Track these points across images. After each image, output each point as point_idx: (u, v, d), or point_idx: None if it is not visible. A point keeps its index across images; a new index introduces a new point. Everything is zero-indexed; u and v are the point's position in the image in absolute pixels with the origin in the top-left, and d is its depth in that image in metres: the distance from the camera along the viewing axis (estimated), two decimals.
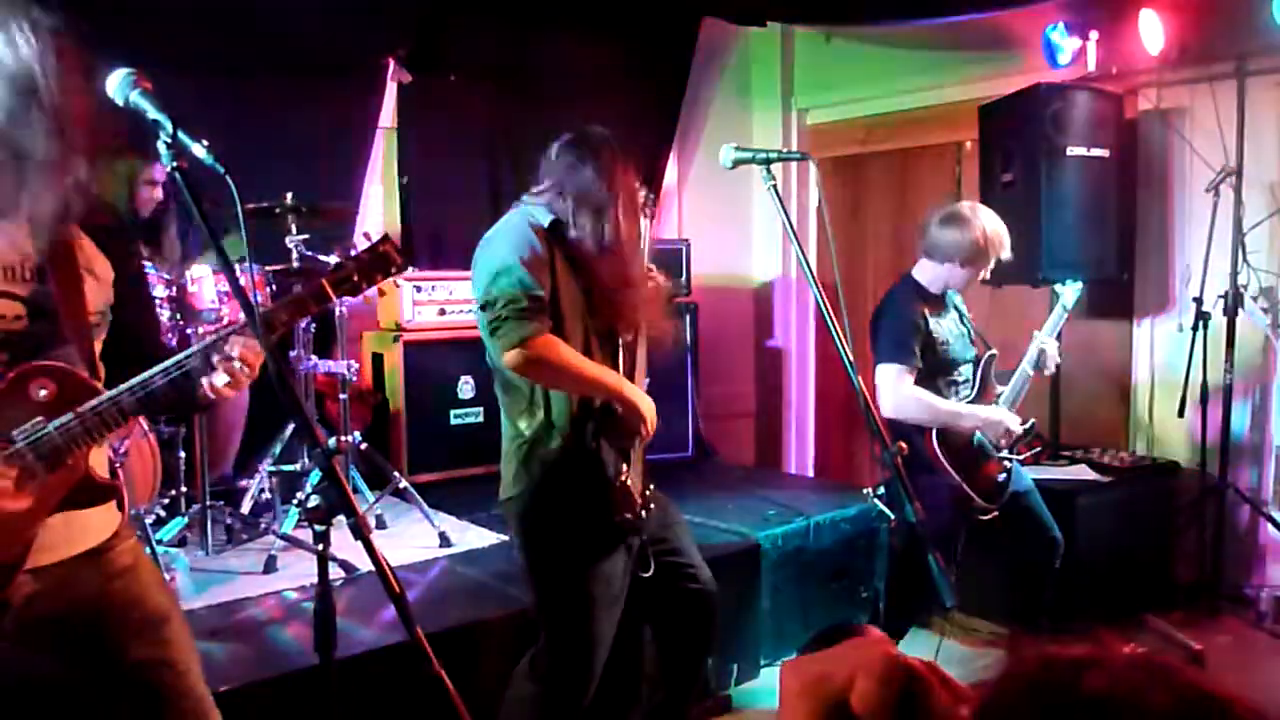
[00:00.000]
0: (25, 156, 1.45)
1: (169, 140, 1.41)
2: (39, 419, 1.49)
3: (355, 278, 1.71)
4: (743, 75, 5.86)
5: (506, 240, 2.29)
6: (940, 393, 3.12)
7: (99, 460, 1.63)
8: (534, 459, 2.32)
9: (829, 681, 0.55)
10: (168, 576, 2.93)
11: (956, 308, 3.29)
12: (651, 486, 2.45)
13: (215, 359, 1.56)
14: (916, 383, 3.07)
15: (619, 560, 2.33)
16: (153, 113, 1.44)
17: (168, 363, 1.56)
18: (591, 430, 2.31)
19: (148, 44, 3.73)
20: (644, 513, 2.34)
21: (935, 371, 3.13)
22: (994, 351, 3.29)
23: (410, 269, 4.68)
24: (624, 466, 2.33)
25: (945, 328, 3.17)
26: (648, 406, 2.35)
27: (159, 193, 3.60)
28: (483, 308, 2.27)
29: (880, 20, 4.98)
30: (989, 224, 3.12)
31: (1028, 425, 3.19)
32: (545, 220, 2.31)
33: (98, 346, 1.64)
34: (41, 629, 1.62)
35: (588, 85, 5.12)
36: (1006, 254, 3.18)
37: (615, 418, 2.33)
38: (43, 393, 1.50)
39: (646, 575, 2.40)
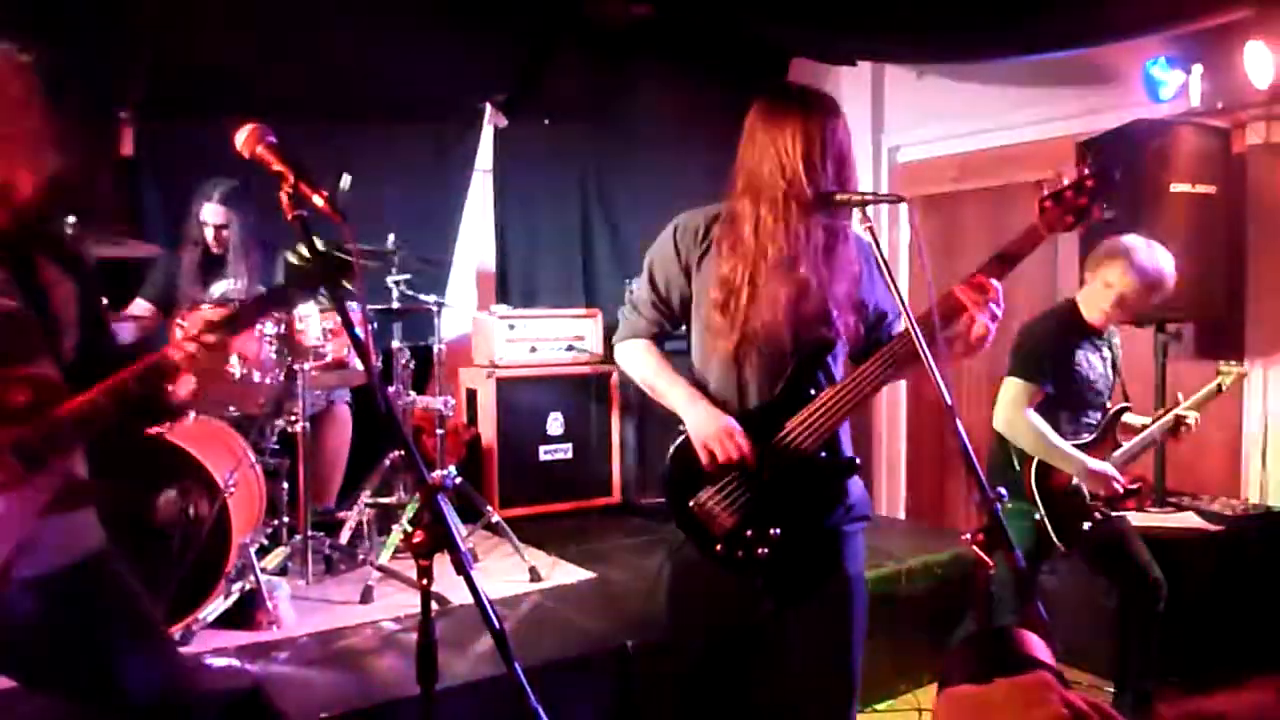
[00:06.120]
0: None
1: (291, 191, 1.48)
2: (20, 425, 1.57)
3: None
4: None
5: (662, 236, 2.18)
6: (1061, 425, 3.04)
7: (81, 463, 1.71)
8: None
9: None
10: (270, 604, 3.04)
11: (1111, 349, 3.19)
12: (775, 530, 2.03)
13: (177, 353, 1.65)
14: (1043, 407, 2.99)
15: (711, 578, 2.09)
16: (276, 165, 1.52)
17: (136, 366, 1.65)
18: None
19: (254, 91, 3.96)
20: (743, 550, 2.02)
21: (1064, 404, 3.03)
22: (1128, 405, 3.18)
23: (505, 306, 4.82)
24: (707, 487, 2.06)
25: (1090, 364, 3.07)
26: (706, 431, 2.02)
27: (228, 232, 3.72)
28: None
29: (972, 59, 4.93)
30: (1155, 258, 3.03)
31: (1134, 487, 3.06)
32: (715, 210, 2.10)
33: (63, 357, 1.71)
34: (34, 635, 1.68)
35: (678, 126, 5.20)
36: (1169, 289, 3.07)
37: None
38: (20, 399, 1.59)
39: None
